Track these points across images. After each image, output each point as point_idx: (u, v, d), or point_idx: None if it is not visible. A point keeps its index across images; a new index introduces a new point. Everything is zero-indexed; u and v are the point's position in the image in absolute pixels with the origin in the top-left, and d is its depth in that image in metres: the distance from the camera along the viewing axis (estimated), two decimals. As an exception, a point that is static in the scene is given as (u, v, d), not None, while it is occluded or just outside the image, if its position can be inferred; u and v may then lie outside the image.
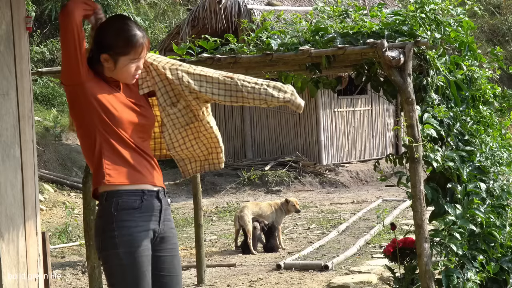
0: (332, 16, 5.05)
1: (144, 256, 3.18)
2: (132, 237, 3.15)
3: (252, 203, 9.65)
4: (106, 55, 3.20)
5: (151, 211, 3.22)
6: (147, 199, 3.20)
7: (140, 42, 3.20)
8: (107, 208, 3.16)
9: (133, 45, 3.19)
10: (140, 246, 3.16)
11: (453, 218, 4.53)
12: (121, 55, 3.19)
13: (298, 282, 7.26)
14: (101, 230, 3.18)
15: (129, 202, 3.16)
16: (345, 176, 16.22)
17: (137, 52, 3.21)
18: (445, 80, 4.77)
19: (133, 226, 3.15)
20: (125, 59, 3.20)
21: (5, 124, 4.06)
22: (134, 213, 3.16)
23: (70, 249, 9.81)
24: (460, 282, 4.45)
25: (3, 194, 4.03)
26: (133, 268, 3.14)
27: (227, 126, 17.59)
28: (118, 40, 3.19)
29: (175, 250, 3.37)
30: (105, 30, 3.25)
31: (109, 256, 3.17)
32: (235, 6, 15.80)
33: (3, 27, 4.04)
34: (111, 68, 3.21)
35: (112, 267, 3.18)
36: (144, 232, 3.19)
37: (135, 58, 3.21)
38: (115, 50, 3.19)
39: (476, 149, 4.82)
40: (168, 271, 3.33)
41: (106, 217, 3.16)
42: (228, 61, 4.89)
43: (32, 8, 18.77)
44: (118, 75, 3.24)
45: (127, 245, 3.14)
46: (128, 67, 3.21)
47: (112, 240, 3.14)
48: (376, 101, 17.70)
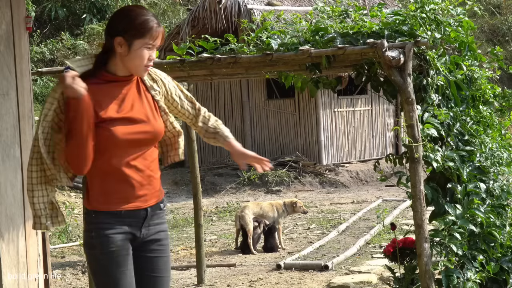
0: (332, 16, 5.05)
1: (121, 256, 3.19)
2: (108, 238, 3.16)
3: (253, 203, 9.64)
4: (120, 38, 3.15)
5: (133, 218, 3.22)
6: (129, 210, 3.21)
7: (156, 28, 3.18)
8: (90, 209, 3.22)
9: (149, 29, 3.16)
10: (116, 247, 3.17)
11: (453, 218, 4.53)
12: (136, 37, 3.15)
13: (298, 282, 7.26)
14: (84, 229, 3.25)
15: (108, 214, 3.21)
16: (345, 176, 16.22)
17: (152, 37, 3.17)
18: (445, 80, 4.77)
19: (110, 228, 3.17)
20: (139, 42, 3.15)
21: (5, 124, 4.06)
22: (112, 218, 3.18)
23: (70, 249, 9.81)
24: (460, 282, 4.45)
25: (3, 194, 4.03)
26: (112, 268, 3.17)
27: (227, 126, 17.54)
28: (134, 23, 3.15)
29: (162, 251, 3.34)
30: (121, 15, 3.22)
31: (90, 255, 3.23)
32: (235, 6, 15.80)
33: (3, 27, 4.04)
34: (124, 53, 3.16)
35: (92, 266, 3.25)
36: (121, 234, 3.19)
37: (149, 43, 3.17)
38: (130, 32, 3.15)
39: (476, 149, 4.82)
40: (152, 271, 3.32)
41: (87, 218, 3.22)
42: (228, 61, 4.89)
43: (32, 8, 18.77)
44: (130, 61, 3.18)
45: (104, 246, 3.17)
46: (142, 51, 3.16)
47: (90, 241, 3.20)
48: (376, 101, 17.70)
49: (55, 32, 23.21)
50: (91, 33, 22.32)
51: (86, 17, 22.91)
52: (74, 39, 22.18)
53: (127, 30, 3.16)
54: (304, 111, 16.86)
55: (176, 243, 9.94)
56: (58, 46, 21.68)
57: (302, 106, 16.88)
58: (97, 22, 22.80)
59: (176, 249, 9.49)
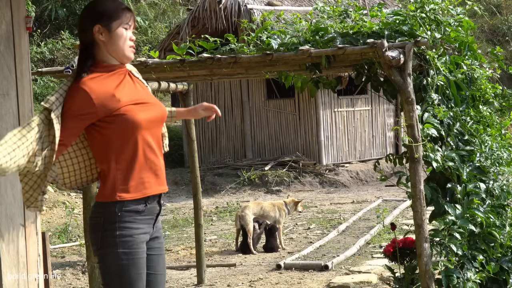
0: (332, 16, 5.05)
1: (141, 258, 3.21)
2: (133, 239, 3.18)
3: (254, 203, 9.63)
4: (98, 26, 3.22)
5: (151, 214, 3.28)
6: (150, 203, 3.26)
7: (125, 8, 3.26)
8: (110, 207, 3.18)
9: (122, 10, 3.24)
10: (139, 248, 3.19)
11: (453, 218, 4.52)
12: (113, 20, 3.22)
13: (298, 282, 7.26)
14: (101, 228, 3.20)
15: (134, 205, 3.20)
16: (345, 176, 16.22)
17: (127, 17, 3.25)
18: (445, 80, 4.77)
19: (134, 228, 3.19)
20: (117, 23, 3.22)
21: (5, 124, 4.06)
22: (137, 215, 3.19)
23: (70, 249, 9.81)
24: (460, 282, 4.45)
25: (3, 194, 4.03)
26: (130, 269, 3.17)
27: (227, 126, 17.59)
28: (106, 8, 3.22)
29: (162, 249, 3.41)
30: (90, 8, 3.28)
31: (107, 255, 3.19)
32: (235, 6, 15.80)
33: (3, 27, 4.05)
34: (106, 39, 3.22)
35: (109, 266, 3.20)
36: (143, 235, 3.24)
37: (125, 22, 3.24)
38: (105, 17, 3.21)
39: (476, 149, 4.82)
40: (154, 270, 3.36)
41: (107, 216, 3.18)
42: (228, 61, 4.89)
43: (32, 8, 18.77)
44: (114, 45, 3.24)
45: (127, 246, 3.16)
46: (121, 30, 3.22)
47: (113, 240, 3.16)
48: (376, 101, 17.70)
49: (55, 32, 23.19)
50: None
51: (86, 17, 22.86)
52: (74, 38, 22.16)
53: (101, 16, 3.22)
54: (304, 111, 16.86)
55: (176, 243, 9.95)
56: (58, 46, 21.67)
57: (302, 106, 16.88)
58: (97, 22, 22.76)
59: (176, 249, 9.49)
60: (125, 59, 3.28)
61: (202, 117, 3.74)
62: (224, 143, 17.66)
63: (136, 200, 3.20)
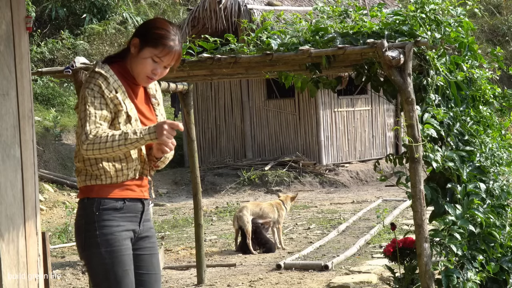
0: (332, 16, 5.05)
1: (125, 255, 3.22)
2: (113, 236, 3.19)
3: (252, 203, 9.62)
4: (136, 40, 3.26)
5: (133, 212, 3.28)
6: (129, 201, 3.27)
7: (172, 46, 3.25)
8: (89, 206, 3.21)
9: (164, 43, 3.24)
10: (121, 245, 3.21)
11: (453, 218, 4.53)
12: (149, 45, 3.23)
13: (298, 282, 7.26)
14: (82, 229, 3.24)
15: (111, 203, 3.22)
16: (345, 176, 16.22)
17: (164, 52, 3.24)
18: (445, 80, 4.77)
19: (114, 225, 3.21)
20: (149, 51, 3.24)
21: (5, 124, 4.06)
22: (115, 213, 3.20)
23: (70, 249, 9.81)
24: (460, 282, 4.45)
25: (3, 194, 4.03)
26: (115, 267, 3.19)
27: (227, 126, 17.59)
28: (154, 31, 3.25)
29: (154, 248, 3.41)
30: (151, 22, 3.34)
31: (91, 255, 3.22)
32: (235, 6, 15.80)
33: (3, 27, 4.04)
34: (134, 54, 3.27)
35: (94, 267, 3.23)
36: (125, 232, 3.24)
37: (159, 56, 3.24)
38: (147, 38, 3.24)
39: (476, 149, 4.82)
40: (147, 269, 3.37)
41: (87, 216, 3.22)
42: (228, 61, 4.89)
43: (32, 8, 18.77)
44: (134, 65, 3.28)
45: (109, 245, 3.18)
46: (147, 61, 3.24)
47: (94, 240, 3.19)
48: (376, 101, 17.70)
49: (55, 32, 23.19)
50: (91, 33, 22.32)
51: (86, 17, 22.90)
52: (74, 38, 22.17)
53: (145, 34, 3.26)
54: (304, 111, 16.86)
55: (176, 243, 9.95)
56: (58, 46, 21.67)
57: (302, 106, 16.88)
58: (97, 22, 22.79)
59: (176, 249, 9.49)
60: (138, 81, 3.34)
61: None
62: (224, 143, 17.66)
63: (114, 198, 3.22)
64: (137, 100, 3.32)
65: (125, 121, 3.21)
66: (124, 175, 3.24)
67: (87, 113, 3.15)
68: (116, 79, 3.22)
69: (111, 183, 3.21)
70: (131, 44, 3.28)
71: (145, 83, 3.34)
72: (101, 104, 3.17)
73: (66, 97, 19.68)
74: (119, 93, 3.21)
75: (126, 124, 3.21)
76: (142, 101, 3.36)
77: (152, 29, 3.26)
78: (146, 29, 3.28)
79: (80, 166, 3.27)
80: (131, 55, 3.28)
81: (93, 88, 3.18)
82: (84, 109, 3.17)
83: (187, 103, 7.30)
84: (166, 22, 3.32)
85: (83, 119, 3.15)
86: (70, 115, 18.78)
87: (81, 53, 20.70)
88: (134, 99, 3.30)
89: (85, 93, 3.18)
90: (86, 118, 3.14)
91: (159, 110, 3.44)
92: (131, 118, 3.23)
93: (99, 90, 3.18)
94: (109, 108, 3.18)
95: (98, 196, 3.20)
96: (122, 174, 3.23)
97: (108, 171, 3.21)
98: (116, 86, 3.21)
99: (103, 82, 3.19)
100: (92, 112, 3.15)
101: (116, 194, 3.22)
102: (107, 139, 3.09)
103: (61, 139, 17.35)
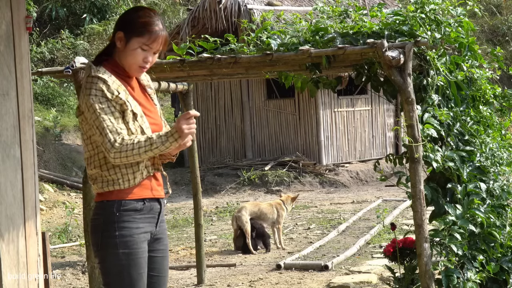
0: (332, 16, 5.05)
1: (142, 258, 3.21)
2: (132, 238, 3.17)
3: (251, 204, 9.60)
4: (121, 33, 3.23)
5: (151, 213, 3.27)
6: (149, 201, 3.26)
7: (157, 31, 3.22)
8: (109, 207, 3.18)
9: (150, 30, 3.21)
10: (139, 248, 3.19)
11: (453, 218, 4.52)
12: (135, 35, 3.21)
13: (298, 282, 7.26)
14: (100, 228, 3.20)
15: (132, 204, 3.21)
16: (345, 176, 16.22)
17: (151, 38, 3.21)
18: (445, 80, 4.77)
19: (134, 227, 3.19)
20: (136, 41, 3.21)
21: (5, 124, 4.06)
22: (135, 214, 3.19)
23: (70, 249, 9.81)
24: (460, 282, 4.45)
25: (3, 194, 4.03)
26: (131, 269, 3.17)
27: (227, 126, 17.58)
28: (137, 20, 3.22)
29: (166, 251, 3.41)
30: (129, 12, 3.30)
31: (107, 255, 3.19)
32: (235, 6, 15.80)
33: (3, 27, 4.05)
34: (121, 48, 3.23)
35: (109, 267, 3.20)
36: (144, 234, 3.23)
37: (147, 44, 3.21)
38: (131, 29, 3.21)
39: (476, 149, 4.82)
40: (158, 272, 3.36)
41: (106, 216, 3.19)
42: (228, 61, 4.89)
43: (32, 8, 18.76)
44: (124, 59, 3.25)
45: (127, 246, 3.16)
46: (137, 52, 3.22)
47: (112, 240, 3.16)
48: (376, 101, 17.70)
49: (55, 32, 23.20)
50: (91, 33, 22.32)
51: (86, 17, 22.90)
52: (74, 38, 22.17)
53: (128, 26, 3.22)
54: (304, 111, 16.86)
55: (176, 243, 9.94)
56: (58, 46, 21.67)
57: (302, 106, 16.88)
58: (97, 22, 22.79)
59: (176, 249, 9.49)
60: (131, 74, 3.31)
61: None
62: (224, 143, 17.66)
63: (134, 199, 3.21)
64: (135, 93, 3.30)
65: (132, 119, 3.20)
66: (140, 174, 3.22)
67: (101, 120, 3.12)
68: (114, 79, 3.20)
69: (129, 186, 3.20)
70: (116, 39, 3.23)
71: (138, 74, 3.31)
72: (109, 107, 3.15)
73: (66, 97, 19.68)
74: (121, 93, 3.20)
75: (133, 122, 3.20)
76: (139, 93, 3.33)
77: (134, 19, 3.22)
78: (127, 20, 3.24)
79: (95, 173, 3.24)
80: (118, 49, 3.24)
81: (96, 94, 3.15)
82: (96, 117, 3.13)
83: (187, 103, 7.29)
84: (145, 9, 3.29)
85: (99, 127, 3.12)
86: (70, 115, 18.78)
87: (81, 53, 20.70)
88: (133, 94, 3.28)
89: (90, 101, 3.14)
90: (103, 125, 3.12)
91: (155, 99, 3.45)
92: (136, 115, 3.21)
93: (103, 94, 3.15)
94: (116, 109, 3.17)
95: (118, 198, 3.19)
96: (139, 174, 3.22)
97: (125, 173, 3.19)
98: (116, 86, 3.19)
99: (103, 85, 3.16)
100: (106, 118, 3.13)
101: (136, 194, 3.21)
102: (134, 146, 3.10)
103: (61, 139, 17.35)
